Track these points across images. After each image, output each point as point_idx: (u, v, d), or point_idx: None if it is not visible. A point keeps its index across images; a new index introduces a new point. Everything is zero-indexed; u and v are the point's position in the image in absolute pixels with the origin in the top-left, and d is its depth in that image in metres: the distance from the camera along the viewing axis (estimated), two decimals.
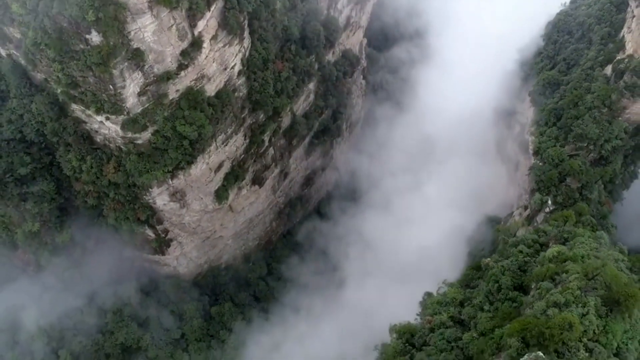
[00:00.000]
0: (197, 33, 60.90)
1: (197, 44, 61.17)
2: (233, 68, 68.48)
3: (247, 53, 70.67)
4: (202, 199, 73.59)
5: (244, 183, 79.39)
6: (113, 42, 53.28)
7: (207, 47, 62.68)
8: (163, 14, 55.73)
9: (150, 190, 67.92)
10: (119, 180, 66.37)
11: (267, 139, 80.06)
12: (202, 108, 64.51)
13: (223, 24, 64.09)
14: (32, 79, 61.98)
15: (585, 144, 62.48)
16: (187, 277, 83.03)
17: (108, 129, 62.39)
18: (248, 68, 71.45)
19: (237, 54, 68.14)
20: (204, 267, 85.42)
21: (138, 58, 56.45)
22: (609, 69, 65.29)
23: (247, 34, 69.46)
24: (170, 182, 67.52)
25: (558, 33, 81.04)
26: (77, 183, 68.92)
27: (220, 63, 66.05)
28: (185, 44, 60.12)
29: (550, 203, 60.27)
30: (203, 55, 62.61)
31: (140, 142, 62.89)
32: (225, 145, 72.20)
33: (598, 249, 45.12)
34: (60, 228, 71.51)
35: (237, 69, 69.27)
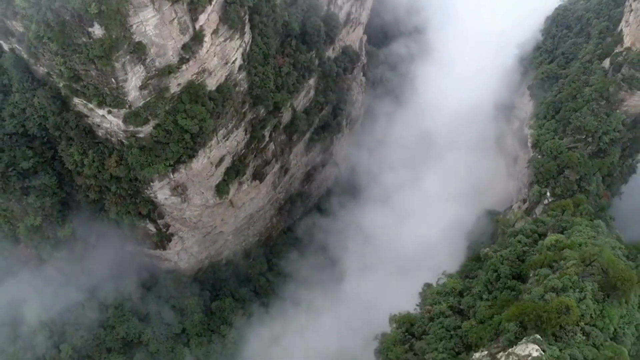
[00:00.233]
0: (198, 27, 61.09)
1: (198, 38, 61.41)
2: (234, 62, 68.74)
3: (247, 48, 70.94)
4: (203, 194, 73.88)
5: (245, 178, 79.62)
6: (115, 35, 53.43)
7: (208, 41, 62.92)
8: (165, 8, 55.92)
9: (152, 184, 68.00)
10: (121, 174, 66.52)
11: (267, 134, 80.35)
12: (203, 102, 64.73)
13: (224, 18, 64.36)
14: (34, 73, 62.17)
15: (584, 137, 63.00)
16: (188, 272, 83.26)
17: (110, 123, 62.54)
18: (249, 63, 71.70)
19: (238, 49, 68.46)
20: (205, 262, 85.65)
21: (140, 51, 56.60)
22: (607, 62, 65.81)
23: (248, 29, 69.72)
24: (172, 176, 67.77)
25: (557, 27, 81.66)
26: (79, 177, 68.96)
27: (222, 57, 66.33)
28: (187, 38, 60.35)
29: (549, 195, 60.72)
30: (204, 49, 62.83)
31: (142, 135, 63.09)
32: (226, 140, 72.50)
33: (596, 237, 45.46)
34: (62, 222, 71.39)
35: (238, 64, 69.53)
